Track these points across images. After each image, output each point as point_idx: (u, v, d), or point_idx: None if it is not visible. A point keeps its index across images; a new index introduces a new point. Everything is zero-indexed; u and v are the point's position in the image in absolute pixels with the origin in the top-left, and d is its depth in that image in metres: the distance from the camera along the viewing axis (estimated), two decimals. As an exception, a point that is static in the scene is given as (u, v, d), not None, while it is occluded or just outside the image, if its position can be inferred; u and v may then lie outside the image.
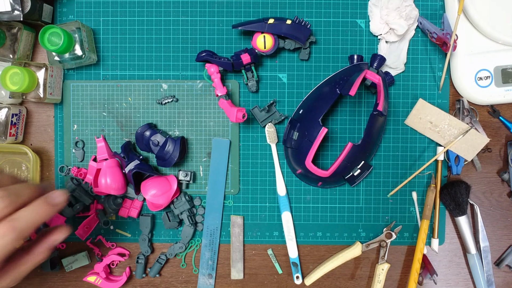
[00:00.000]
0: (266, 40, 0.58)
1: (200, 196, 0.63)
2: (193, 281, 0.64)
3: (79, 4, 0.63)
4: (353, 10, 0.63)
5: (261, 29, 0.58)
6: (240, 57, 0.58)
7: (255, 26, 0.58)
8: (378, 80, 0.58)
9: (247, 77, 0.60)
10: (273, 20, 0.58)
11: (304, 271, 0.64)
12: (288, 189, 0.63)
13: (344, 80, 0.57)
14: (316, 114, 0.57)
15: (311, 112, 0.58)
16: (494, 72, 0.60)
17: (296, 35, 0.58)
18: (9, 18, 0.56)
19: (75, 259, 0.64)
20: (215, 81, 0.58)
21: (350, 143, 0.56)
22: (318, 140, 0.56)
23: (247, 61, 0.58)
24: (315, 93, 0.60)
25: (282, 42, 0.60)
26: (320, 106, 0.57)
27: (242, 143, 0.63)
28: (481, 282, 0.62)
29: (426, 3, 0.62)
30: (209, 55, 0.59)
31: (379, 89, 0.58)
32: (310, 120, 0.58)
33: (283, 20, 0.58)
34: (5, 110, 0.60)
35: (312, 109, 0.58)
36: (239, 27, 0.58)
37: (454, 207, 0.61)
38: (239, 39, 0.63)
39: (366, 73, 0.58)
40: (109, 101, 0.63)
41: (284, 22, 0.58)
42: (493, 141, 0.63)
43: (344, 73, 0.59)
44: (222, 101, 0.59)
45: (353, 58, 0.61)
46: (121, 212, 0.63)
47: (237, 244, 0.63)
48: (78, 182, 0.62)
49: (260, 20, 0.58)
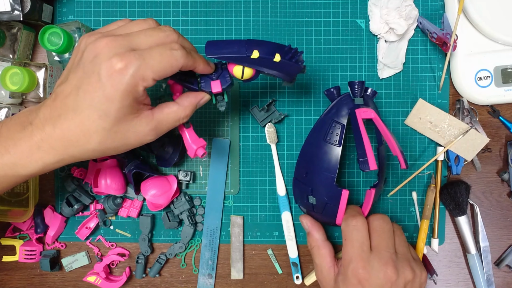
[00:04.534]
0: (245, 70, 0.47)
1: (200, 196, 0.63)
2: (193, 281, 0.64)
3: (79, 4, 0.63)
4: (353, 10, 0.63)
5: (240, 63, 0.46)
6: (210, 84, 0.47)
7: (233, 58, 0.46)
8: (374, 115, 0.53)
9: (216, 99, 0.50)
10: (258, 55, 0.45)
11: (304, 271, 0.64)
12: (288, 189, 0.63)
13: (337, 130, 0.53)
14: (328, 179, 0.53)
15: (321, 177, 0.53)
16: (494, 72, 0.60)
17: (283, 74, 0.48)
18: (9, 18, 0.56)
19: (75, 259, 0.64)
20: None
21: (372, 190, 0.54)
22: (343, 204, 0.53)
23: (217, 91, 0.47)
24: (312, 151, 0.55)
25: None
26: (328, 170, 0.53)
27: (242, 143, 0.63)
28: (481, 282, 0.62)
29: (426, 3, 0.62)
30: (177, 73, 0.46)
31: (380, 126, 0.53)
32: (324, 186, 0.53)
33: (271, 55, 0.46)
34: (5, 110, 0.60)
35: (320, 174, 0.53)
36: (213, 55, 0.45)
37: (454, 207, 0.61)
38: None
39: (359, 114, 0.52)
40: (109, 101, 0.63)
41: (272, 58, 0.46)
42: (493, 141, 0.63)
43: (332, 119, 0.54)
44: (182, 128, 0.48)
45: (332, 94, 0.56)
46: (121, 212, 0.63)
47: (237, 244, 0.63)
48: (78, 182, 0.62)
49: (242, 49, 0.45)
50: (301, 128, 0.63)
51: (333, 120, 0.54)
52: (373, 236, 0.51)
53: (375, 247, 0.50)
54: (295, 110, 0.63)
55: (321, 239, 0.56)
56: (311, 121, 0.63)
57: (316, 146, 0.55)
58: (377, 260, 0.49)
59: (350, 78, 0.63)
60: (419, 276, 0.50)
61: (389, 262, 0.48)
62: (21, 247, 0.62)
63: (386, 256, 0.49)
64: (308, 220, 0.57)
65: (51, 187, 0.64)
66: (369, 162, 0.49)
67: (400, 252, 0.51)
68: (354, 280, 0.49)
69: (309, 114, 0.63)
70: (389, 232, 0.51)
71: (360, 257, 0.49)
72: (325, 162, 0.53)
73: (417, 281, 0.50)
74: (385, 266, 0.48)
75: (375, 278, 0.48)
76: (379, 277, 0.48)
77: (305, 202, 0.57)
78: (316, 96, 0.63)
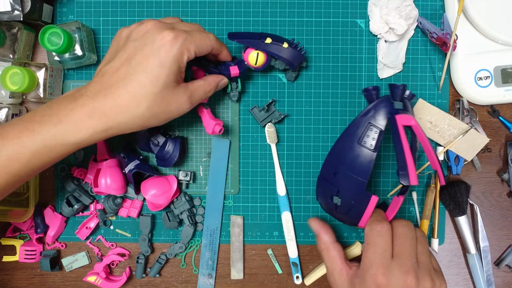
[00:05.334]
0: (259, 57, 0.57)
1: (200, 196, 0.63)
2: (193, 281, 0.64)
3: (79, 4, 0.63)
4: (353, 10, 0.63)
5: (256, 47, 0.56)
6: (229, 68, 0.56)
7: (251, 42, 0.56)
8: (414, 123, 0.50)
9: (231, 87, 0.59)
10: (271, 40, 0.56)
11: (304, 271, 0.64)
12: (288, 189, 0.63)
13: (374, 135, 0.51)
14: (359, 183, 0.51)
15: (351, 180, 0.52)
16: (494, 72, 0.61)
17: (289, 60, 0.57)
18: (9, 18, 0.56)
19: (75, 259, 0.64)
20: None
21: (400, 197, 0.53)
22: (370, 209, 0.52)
23: (235, 74, 0.57)
24: (344, 152, 0.53)
25: (273, 61, 0.59)
26: (359, 174, 0.51)
27: (242, 143, 0.63)
28: (481, 282, 0.62)
29: (426, 3, 0.62)
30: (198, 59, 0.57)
31: (418, 133, 0.51)
32: (353, 189, 0.52)
33: (281, 42, 0.56)
34: (5, 110, 0.60)
35: (350, 176, 0.52)
36: (235, 39, 0.56)
37: (454, 207, 0.61)
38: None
39: (400, 121, 0.50)
40: (109, 101, 0.63)
41: (281, 45, 0.56)
42: (493, 141, 0.63)
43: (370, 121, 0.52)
44: (202, 109, 0.58)
45: (371, 94, 0.54)
46: (121, 212, 0.63)
47: (237, 244, 0.64)
48: (78, 182, 0.62)
49: (257, 37, 0.56)
50: (301, 128, 0.63)
51: (370, 124, 0.52)
52: (396, 243, 0.50)
53: (396, 254, 0.49)
54: (295, 110, 0.63)
55: (329, 242, 0.55)
56: (311, 121, 0.63)
57: (349, 148, 0.53)
58: (398, 268, 0.48)
59: (350, 78, 0.63)
60: (439, 287, 0.49)
61: (410, 271, 0.47)
62: (21, 247, 0.62)
63: (407, 264, 0.48)
64: (316, 222, 0.57)
65: (51, 187, 0.64)
66: (410, 177, 0.48)
67: (421, 261, 0.50)
68: (373, 285, 0.48)
69: (309, 114, 0.63)
70: (412, 240, 0.50)
71: (381, 263, 0.48)
72: (357, 165, 0.51)
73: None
74: (406, 275, 0.47)
75: (393, 286, 0.47)
76: (398, 284, 0.47)
77: (329, 202, 0.55)
78: (316, 96, 0.63)
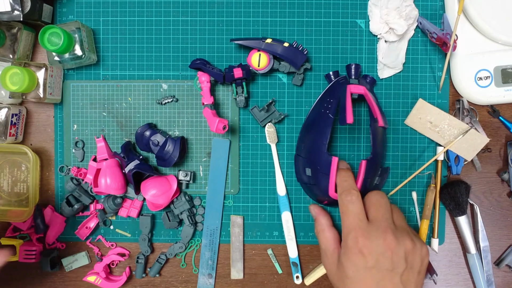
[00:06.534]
0: (261, 58, 0.58)
1: (200, 196, 0.63)
2: (193, 281, 0.64)
3: (79, 4, 0.63)
4: (353, 10, 0.63)
5: (257, 46, 0.58)
6: (233, 70, 0.58)
7: (252, 42, 0.59)
8: (364, 91, 0.57)
9: (236, 91, 0.60)
10: (271, 40, 0.58)
11: (304, 271, 0.64)
12: (288, 189, 0.63)
13: (331, 103, 0.57)
14: (320, 145, 0.56)
15: (314, 145, 0.57)
16: (494, 72, 0.60)
17: (291, 58, 0.58)
18: (9, 18, 0.56)
19: (75, 259, 0.64)
20: (204, 90, 0.59)
21: (363, 161, 0.55)
22: (333, 170, 0.55)
23: (238, 75, 0.58)
24: (309, 124, 0.60)
25: (277, 64, 0.60)
26: (320, 137, 0.57)
27: (242, 143, 0.63)
28: (481, 282, 0.62)
29: (426, 3, 0.62)
30: (203, 64, 0.59)
31: (369, 100, 0.57)
32: (316, 153, 0.57)
33: (281, 42, 0.58)
34: (5, 110, 0.60)
35: (314, 141, 0.58)
36: (236, 41, 0.59)
37: (454, 207, 0.61)
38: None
39: (349, 89, 0.57)
40: (109, 101, 0.63)
41: (282, 44, 0.58)
42: (493, 141, 0.63)
43: (328, 95, 0.58)
44: (207, 110, 0.59)
45: (330, 76, 0.61)
46: (121, 212, 0.63)
47: (237, 244, 0.64)
48: (78, 182, 0.62)
49: (258, 38, 0.59)
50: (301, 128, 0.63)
51: (329, 96, 0.58)
52: (370, 209, 0.51)
53: (372, 218, 0.51)
54: (295, 110, 0.63)
55: (326, 224, 0.56)
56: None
57: (311, 120, 0.59)
58: (375, 228, 0.49)
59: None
60: (420, 248, 0.50)
61: (387, 230, 0.49)
62: (21, 247, 0.62)
63: (384, 225, 0.49)
64: (315, 207, 0.59)
65: (51, 187, 0.64)
66: (347, 116, 0.53)
67: (398, 224, 0.51)
68: (355, 249, 0.49)
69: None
70: (386, 205, 0.52)
71: (358, 227, 0.49)
72: (319, 131, 0.57)
73: (418, 253, 0.49)
74: (384, 234, 0.48)
75: (375, 246, 0.48)
76: (378, 243, 0.48)
77: (304, 176, 0.59)
78: (316, 96, 0.63)
